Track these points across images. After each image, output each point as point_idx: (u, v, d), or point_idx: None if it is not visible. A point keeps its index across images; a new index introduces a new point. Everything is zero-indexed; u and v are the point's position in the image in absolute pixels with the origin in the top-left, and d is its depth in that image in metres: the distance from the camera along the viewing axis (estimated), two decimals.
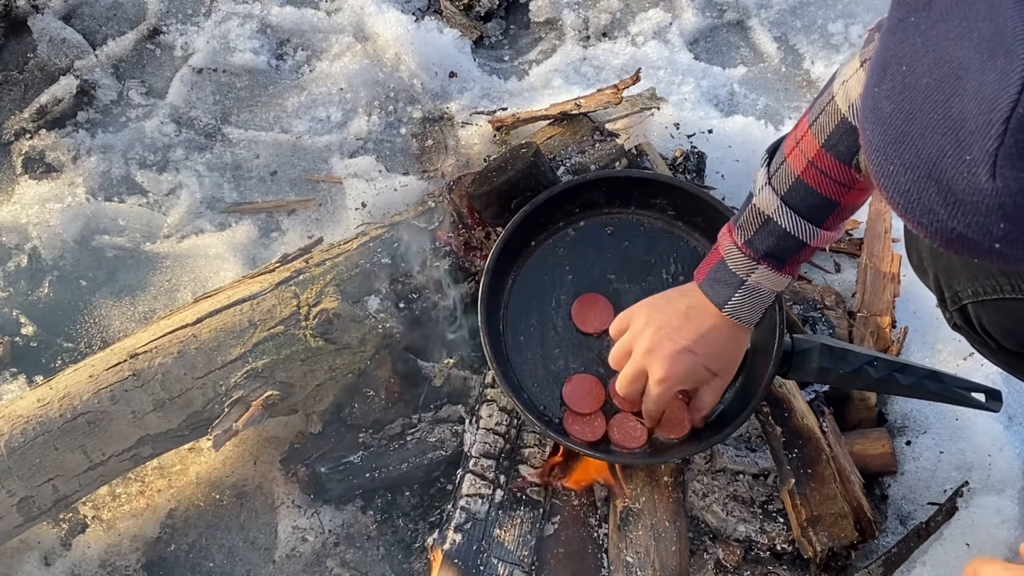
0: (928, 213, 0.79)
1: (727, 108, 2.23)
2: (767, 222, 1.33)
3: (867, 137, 0.83)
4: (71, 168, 2.11)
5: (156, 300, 1.97)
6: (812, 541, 1.59)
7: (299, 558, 1.69)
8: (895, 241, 1.96)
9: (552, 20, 2.36)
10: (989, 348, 1.45)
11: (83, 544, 1.70)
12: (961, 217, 0.77)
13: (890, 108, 0.79)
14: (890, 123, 0.79)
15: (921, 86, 0.77)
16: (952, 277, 1.40)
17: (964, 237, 0.78)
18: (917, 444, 1.77)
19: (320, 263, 1.71)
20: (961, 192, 0.75)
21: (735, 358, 1.49)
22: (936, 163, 0.76)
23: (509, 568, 1.56)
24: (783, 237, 1.32)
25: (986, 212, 0.75)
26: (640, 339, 1.46)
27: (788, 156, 1.30)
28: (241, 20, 2.28)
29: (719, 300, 1.39)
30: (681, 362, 1.43)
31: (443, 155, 2.07)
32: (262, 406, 1.58)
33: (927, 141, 0.76)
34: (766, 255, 1.34)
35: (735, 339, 1.45)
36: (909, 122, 0.78)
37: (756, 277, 1.36)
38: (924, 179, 0.78)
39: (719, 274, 1.39)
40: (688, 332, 1.42)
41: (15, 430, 1.55)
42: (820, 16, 2.36)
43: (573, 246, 1.74)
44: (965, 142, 0.74)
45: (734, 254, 1.36)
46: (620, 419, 1.61)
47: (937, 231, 0.80)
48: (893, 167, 0.80)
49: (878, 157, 0.81)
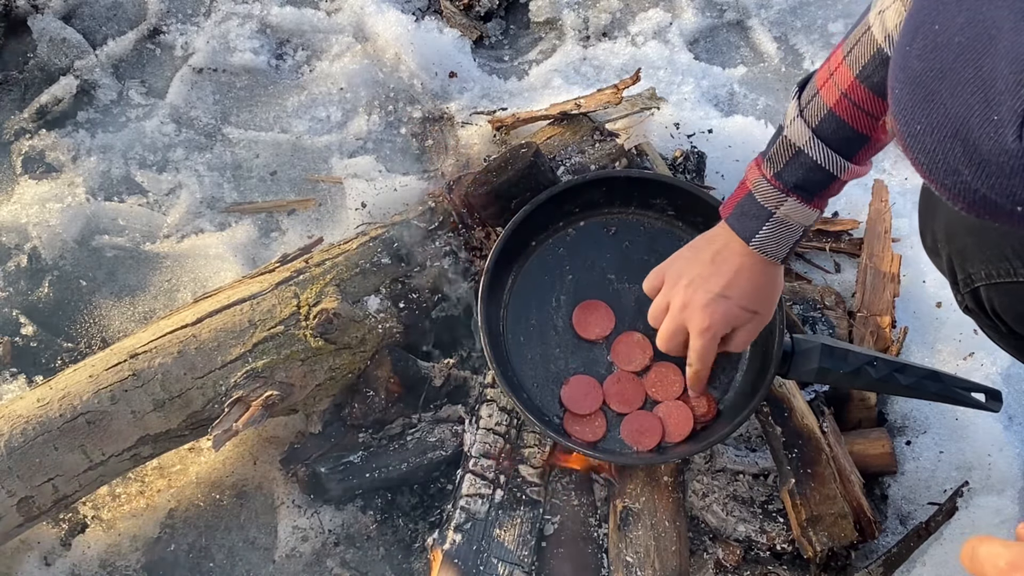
0: (952, 174, 0.78)
1: (727, 108, 2.23)
2: (798, 154, 1.32)
3: (895, 96, 0.82)
4: (71, 168, 2.11)
5: (156, 300, 1.97)
6: (812, 541, 1.59)
7: (299, 558, 1.69)
8: (895, 241, 1.96)
9: (552, 20, 2.36)
10: (999, 332, 1.45)
11: (83, 544, 1.70)
12: (985, 178, 0.76)
13: (920, 66, 0.79)
14: (919, 82, 0.79)
15: (953, 44, 0.76)
16: (966, 259, 1.40)
17: (987, 199, 0.77)
18: (917, 444, 1.77)
19: (320, 263, 1.71)
20: (987, 152, 0.75)
21: (771, 295, 1.48)
22: (963, 122, 0.75)
23: (509, 568, 1.56)
24: (813, 170, 1.32)
25: (1010, 174, 0.74)
26: (675, 295, 1.47)
27: (821, 88, 1.30)
28: (241, 20, 2.28)
29: (746, 234, 1.39)
30: (717, 309, 1.44)
31: (443, 155, 2.07)
32: (262, 406, 1.58)
33: (956, 100, 0.76)
34: (795, 187, 1.34)
35: (766, 275, 1.44)
36: (939, 81, 0.77)
37: (785, 209, 1.36)
38: (950, 139, 0.77)
39: (746, 207, 1.39)
40: (719, 278, 1.43)
41: (15, 430, 1.55)
42: (820, 16, 2.36)
43: (573, 246, 1.74)
44: (994, 102, 0.73)
45: (763, 186, 1.36)
46: (630, 420, 1.62)
47: (960, 192, 0.79)
48: (920, 126, 0.79)
49: (905, 116, 0.81)
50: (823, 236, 2.01)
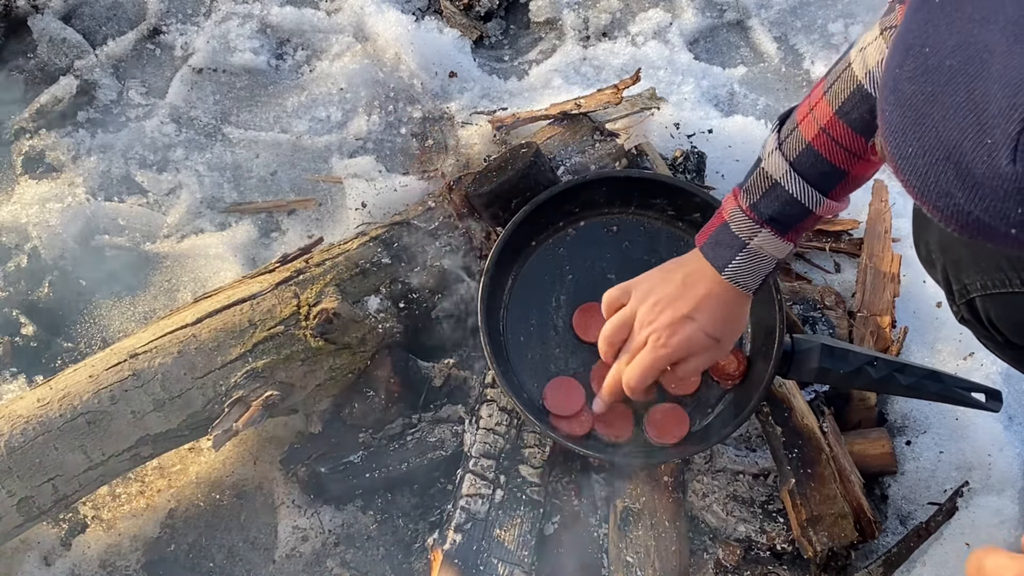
0: (945, 196, 0.78)
1: (727, 108, 2.23)
2: (774, 186, 1.33)
3: (886, 118, 0.82)
4: (71, 168, 2.11)
5: (156, 300, 1.97)
6: (812, 541, 1.59)
7: (299, 558, 1.69)
8: (895, 241, 1.95)
9: (552, 20, 2.36)
10: (996, 342, 1.45)
11: (83, 544, 1.70)
12: (978, 201, 0.76)
13: (911, 89, 0.78)
14: (910, 104, 0.78)
15: (944, 68, 0.76)
16: (960, 270, 1.39)
17: (980, 222, 0.77)
18: (917, 444, 1.77)
19: (320, 263, 1.71)
20: (980, 176, 0.74)
21: (735, 325, 1.47)
22: (956, 146, 0.75)
23: (509, 568, 1.55)
24: (789, 203, 1.32)
25: (1004, 197, 0.74)
26: (641, 311, 1.45)
27: (800, 123, 1.30)
28: (241, 20, 2.28)
29: (720, 263, 1.39)
30: (682, 331, 1.42)
31: (443, 155, 2.07)
32: (262, 406, 1.58)
33: (948, 123, 0.75)
34: (770, 219, 1.34)
35: (735, 304, 1.44)
36: (930, 104, 0.77)
37: (758, 241, 1.36)
38: (942, 162, 0.76)
39: (721, 237, 1.39)
40: (687, 300, 1.42)
41: (15, 430, 1.55)
42: (820, 16, 2.36)
43: (573, 246, 1.74)
44: (987, 125, 0.73)
45: (738, 216, 1.36)
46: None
47: (953, 215, 0.79)
48: (912, 149, 0.79)
49: (896, 139, 0.80)
50: (823, 236, 2.01)
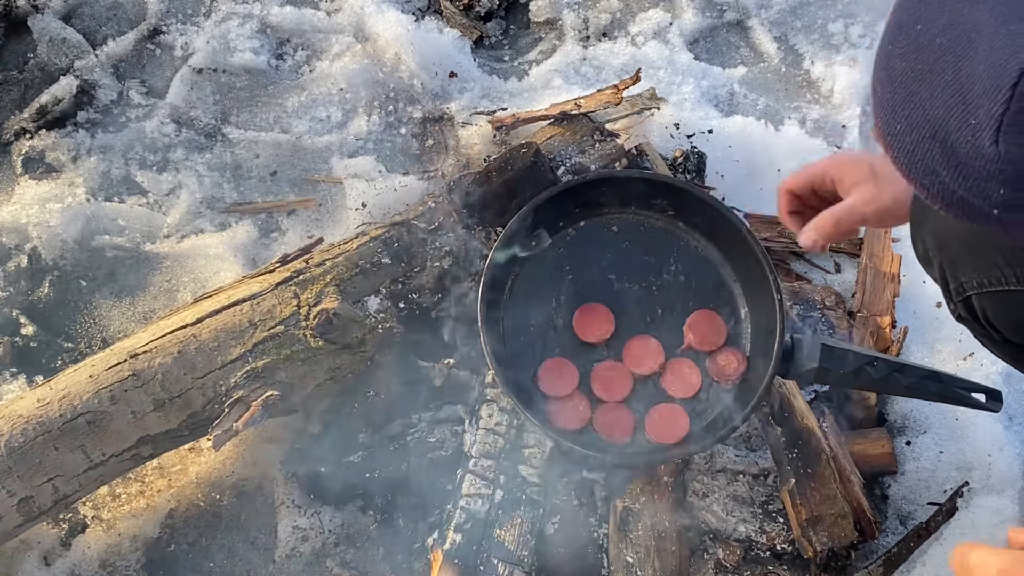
0: (931, 174, 0.79)
1: (727, 108, 2.23)
2: None
3: (877, 95, 0.83)
4: (71, 168, 2.11)
5: (156, 300, 1.97)
6: (812, 541, 1.59)
7: (299, 558, 1.69)
8: (895, 241, 1.96)
9: (552, 20, 2.36)
10: (993, 340, 1.45)
11: (83, 544, 1.70)
12: (962, 180, 0.77)
13: (902, 66, 0.79)
14: (900, 81, 0.79)
15: (934, 46, 0.77)
16: (957, 268, 1.39)
17: (964, 201, 0.78)
18: (917, 444, 1.77)
19: (320, 263, 1.71)
20: (964, 155, 0.75)
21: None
22: (942, 124, 0.76)
23: (509, 568, 1.56)
24: None
25: (987, 177, 0.75)
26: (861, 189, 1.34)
27: None
28: (241, 20, 2.28)
29: None
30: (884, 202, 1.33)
31: (443, 155, 2.07)
32: (262, 406, 1.58)
33: (935, 101, 0.76)
34: None
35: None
36: (919, 81, 0.78)
37: None
38: (928, 140, 0.77)
39: None
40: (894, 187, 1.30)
41: (15, 430, 1.55)
42: (820, 16, 2.36)
43: (573, 246, 1.74)
44: (972, 105, 0.74)
45: None
46: (604, 411, 1.62)
47: (938, 193, 0.80)
48: (900, 126, 0.80)
49: (886, 115, 0.81)
50: None
